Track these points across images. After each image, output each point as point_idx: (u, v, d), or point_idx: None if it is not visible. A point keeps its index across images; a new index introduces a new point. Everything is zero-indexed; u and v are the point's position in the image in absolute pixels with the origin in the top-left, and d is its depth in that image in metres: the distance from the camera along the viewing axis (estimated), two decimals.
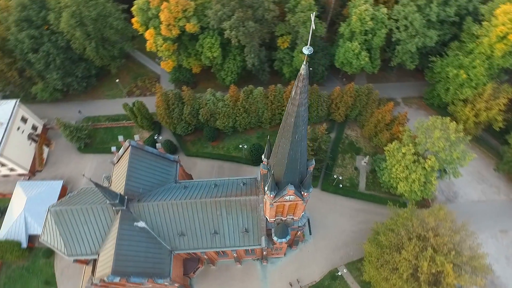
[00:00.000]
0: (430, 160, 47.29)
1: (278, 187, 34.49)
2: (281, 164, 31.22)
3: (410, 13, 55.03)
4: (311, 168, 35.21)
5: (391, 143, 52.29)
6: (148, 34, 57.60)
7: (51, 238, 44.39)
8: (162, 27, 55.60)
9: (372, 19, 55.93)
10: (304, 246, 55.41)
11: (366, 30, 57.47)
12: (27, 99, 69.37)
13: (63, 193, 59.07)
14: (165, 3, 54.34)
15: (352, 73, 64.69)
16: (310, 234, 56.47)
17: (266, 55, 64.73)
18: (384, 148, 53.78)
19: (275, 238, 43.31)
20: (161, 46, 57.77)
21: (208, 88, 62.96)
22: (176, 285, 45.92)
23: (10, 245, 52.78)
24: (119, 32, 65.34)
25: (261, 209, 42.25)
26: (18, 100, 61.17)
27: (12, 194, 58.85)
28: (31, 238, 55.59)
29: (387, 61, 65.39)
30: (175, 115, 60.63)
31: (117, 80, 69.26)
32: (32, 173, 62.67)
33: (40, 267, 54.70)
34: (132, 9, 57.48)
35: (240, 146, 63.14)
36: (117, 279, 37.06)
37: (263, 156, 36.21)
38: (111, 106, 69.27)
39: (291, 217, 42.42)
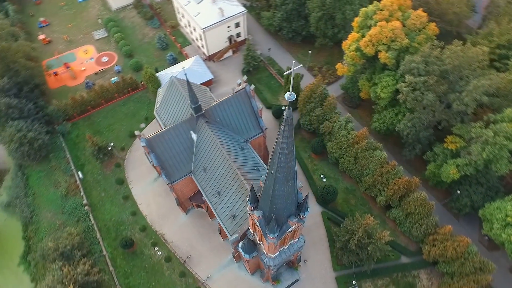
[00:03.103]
0: None
1: (257, 206, 34.19)
2: (263, 185, 30.69)
3: None
4: (291, 223, 32.93)
5: None
6: (351, 37, 58.65)
7: (160, 94, 58.12)
8: (364, 39, 55.44)
9: None
10: None
11: None
12: (256, 17, 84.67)
13: (206, 83, 72.98)
14: (383, 22, 53.32)
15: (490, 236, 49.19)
16: None
17: (428, 139, 56.05)
18: None
19: (240, 245, 43.54)
20: (350, 52, 58.24)
21: (361, 116, 60.67)
22: (174, 194, 53.49)
23: (156, 81, 71.04)
24: (345, 20, 68.42)
25: None
26: (246, 10, 75.59)
27: (190, 59, 77.12)
28: None
29: None
30: (308, 107, 62.55)
31: (309, 52, 74.86)
32: (208, 59, 79.19)
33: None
34: (362, 9, 58.79)
35: (322, 176, 60.76)
36: (143, 143, 46.67)
37: None
38: (289, 64, 76.16)
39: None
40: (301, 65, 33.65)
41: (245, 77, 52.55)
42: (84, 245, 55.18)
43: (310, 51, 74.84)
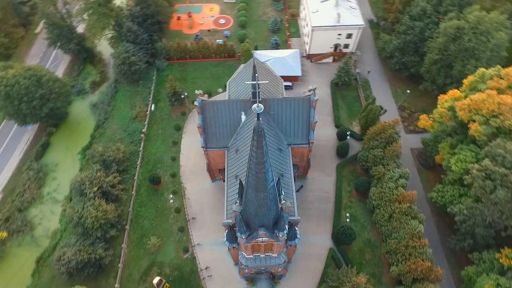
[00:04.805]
0: None
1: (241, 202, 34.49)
2: None
3: None
4: (260, 234, 32.59)
5: None
6: (451, 93, 51.63)
7: (238, 69, 61.01)
8: (463, 101, 48.31)
9: None
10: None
11: None
12: (375, 36, 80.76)
13: (292, 79, 73.29)
14: (494, 92, 45.50)
15: None
16: None
17: (485, 240, 47.29)
18: None
19: (226, 230, 44.63)
20: (442, 107, 51.50)
21: (428, 180, 56.07)
22: (206, 159, 56.78)
23: (249, 57, 73.94)
24: (461, 74, 60.03)
25: None
26: (363, 25, 72.21)
27: (290, 50, 78.05)
28: None
29: None
30: (371, 143, 58.35)
31: (408, 91, 68.38)
32: (307, 57, 78.97)
33: None
34: (480, 69, 50.87)
35: (348, 215, 56.86)
36: (197, 104, 50.15)
37: None
38: (379, 95, 70.93)
39: None
40: (267, 81, 30.22)
41: (313, 86, 51.24)
42: (124, 164, 63.33)
43: (408, 91, 68.33)
